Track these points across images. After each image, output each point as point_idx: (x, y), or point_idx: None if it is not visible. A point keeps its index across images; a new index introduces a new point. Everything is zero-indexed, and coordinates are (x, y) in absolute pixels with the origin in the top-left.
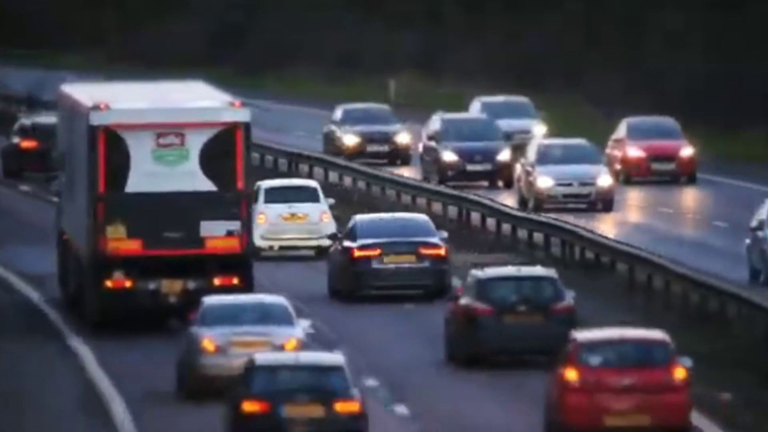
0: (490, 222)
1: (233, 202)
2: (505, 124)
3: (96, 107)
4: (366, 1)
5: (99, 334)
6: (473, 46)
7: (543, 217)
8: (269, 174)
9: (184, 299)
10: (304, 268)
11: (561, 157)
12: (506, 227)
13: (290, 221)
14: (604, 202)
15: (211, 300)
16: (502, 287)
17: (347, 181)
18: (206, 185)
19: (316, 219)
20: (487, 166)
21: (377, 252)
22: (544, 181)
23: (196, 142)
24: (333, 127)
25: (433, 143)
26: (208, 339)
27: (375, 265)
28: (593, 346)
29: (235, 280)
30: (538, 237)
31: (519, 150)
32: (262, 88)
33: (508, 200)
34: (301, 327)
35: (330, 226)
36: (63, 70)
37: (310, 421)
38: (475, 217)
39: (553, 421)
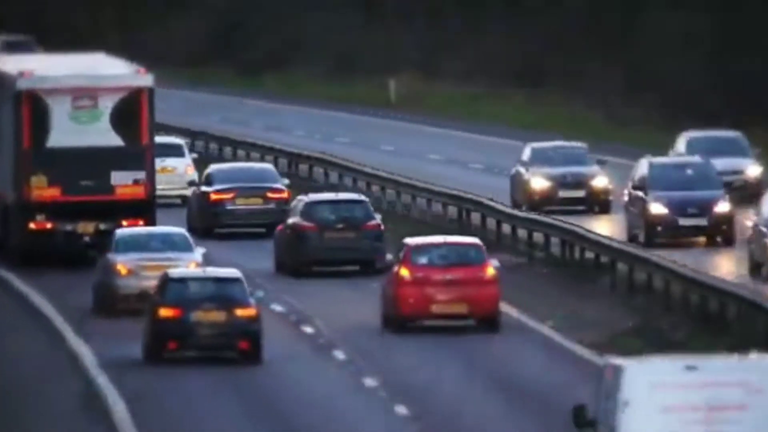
0: (490, 222)
1: (139, 156)
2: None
3: (21, 75)
4: (366, 1)
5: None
6: (473, 46)
7: (543, 217)
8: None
9: (97, 238)
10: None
11: None
12: (506, 227)
13: (161, 174)
14: None
15: (123, 231)
16: (323, 209)
17: (347, 181)
18: (116, 141)
19: (182, 171)
20: (702, 221)
21: (231, 195)
22: None
23: (107, 104)
24: (520, 169)
25: (639, 192)
26: (122, 264)
27: (228, 206)
28: (421, 249)
29: (141, 222)
30: (538, 237)
31: (738, 198)
32: (262, 88)
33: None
34: (199, 252)
35: (193, 176)
36: None
37: (215, 324)
38: (475, 217)
39: (389, 313)
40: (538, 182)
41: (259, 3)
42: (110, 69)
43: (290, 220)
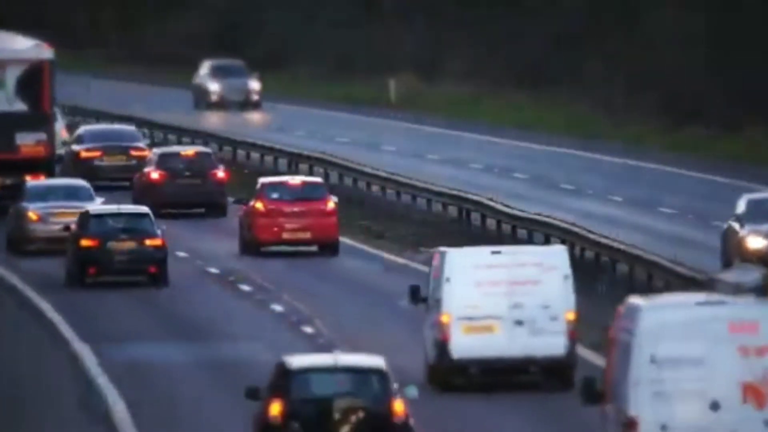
0: (490, 222)
1: (41, 120)
2: None
3: None
4: (366, 1)
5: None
6: (473, 46)
7: (543, 217)
8: (269, 173)
9: (3, 192)
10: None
11: None
12: (506, 227)
13: None
14: None
15: (32, 183)
16: (173, 160)
17: (347, 181)
18: (20, 107)
19: (58, 133)
20: None
21: (98, 153)
22: None
23: (12, 74)
24: (733, 224)
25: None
26: (32, 211)
27: (96, 162)
28: (273, 186)
29: (42, 177)
30: (538, 237)
31: None
32: (261, 88)
33: None
34: (99, 201)
35: (66, 138)
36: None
37: (128, 251)
38: (475, 217)
39: (246, 239)
40: (756, 241)
41: (259, 3)
42: (15, 44)
43: (145, 169)
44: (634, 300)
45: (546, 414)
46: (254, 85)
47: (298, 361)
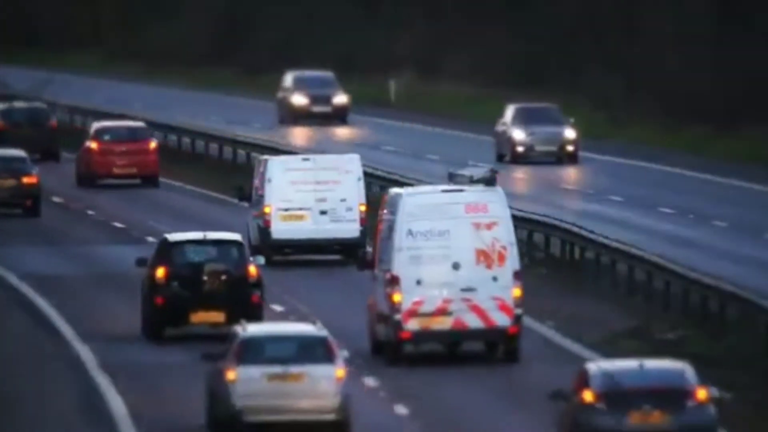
0: None
1: None
2: None
3: None
4: (366, 1)
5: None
6: (473, 45)
7: (543, 217)
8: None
9: None
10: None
11: None
12: None
13: None
14: None
15: None
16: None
17: None
18: None
19: None
20: None
21: None
22: None
23: None
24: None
25: None
26: None
27: None
28: (104, 130)
29: None
30: (538, 237)
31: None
32: (262, 88)
33: None
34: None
35: None
36: (63, 69)
37: (8, 188)
38: None
39: (82, 172)
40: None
41: (259, 3)
42: None
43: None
44: (396, 189)
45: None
46: (341, 98)
47: (175, 236)
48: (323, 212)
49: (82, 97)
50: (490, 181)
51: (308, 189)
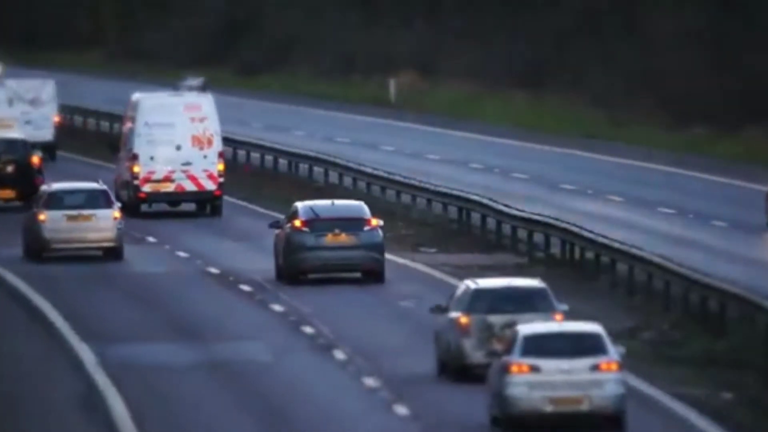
0: (490, 222)
1: None
2: None
3: None
4: (366, 1)
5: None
6: (473, 46)
7: (543, 217)
8: (269, 173)
9: None
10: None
11: None
12: (506, 227)
13: None
14: None
15: None
16: None
17: (347, 181)
18: None
19: None
20: None
21: None
22: None
23: None
24: None
25: None
26: None
27: None
28: None
29: None
30: (538, 237)
31: None
32: (261, 88)
33: None
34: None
35: None
36: (63, 70)
37: None
38: (475, 217)
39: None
40: None
41: (259, 3)
42: None
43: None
44: (136, 94)
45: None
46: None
47: None
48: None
49: (82, 98)
50: (203, 89)
51: (171, 123)
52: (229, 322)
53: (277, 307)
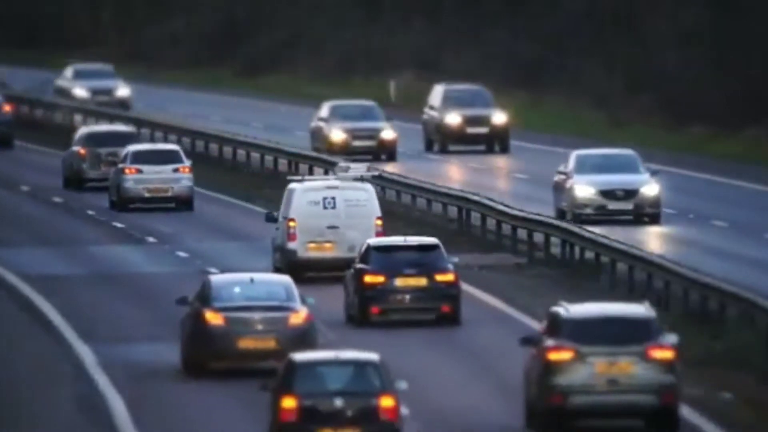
0: (490, 222)
1: None
2: None
3: None
4: (366, 1)
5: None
6: (473, 46)
7: (543, 217)
8: (270, 174)
9: None
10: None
11: None
12: (506, 227)
13: None
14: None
15: None
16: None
17: None
18: None
19: None
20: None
21: None
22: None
23: None
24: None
25: None
26: None
27: None
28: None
29: None
30: (538, 237)
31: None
32: (261, 89)
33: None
34: None
35: None
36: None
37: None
38: (475, 217)
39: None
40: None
41: (259, 3)
42: None
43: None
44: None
45: None
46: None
47: None
48: None
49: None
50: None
51: None
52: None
53: None
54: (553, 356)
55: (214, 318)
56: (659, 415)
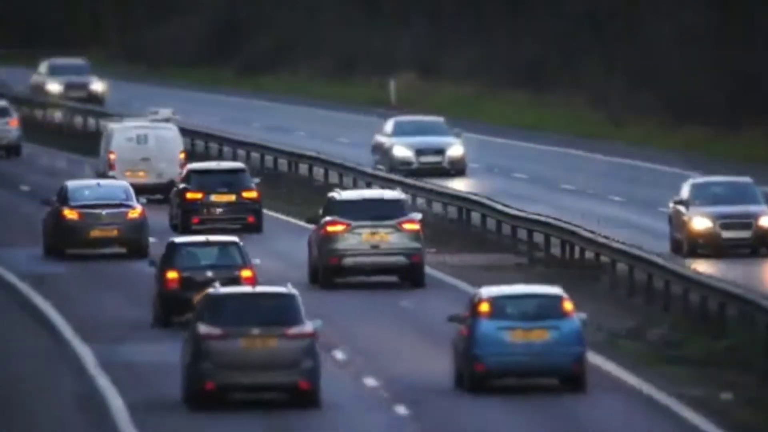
0: (490, 222)
1: None
2: None
3: None
4: (366, 1)
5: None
6: (473, 46)
7: (543, 217)
8: (269, 173)
9: None
10: None
11: None
12: (506, 227)
13: None
14: None
15: None
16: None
17: (347, 181)
18: None
19: None
20: None
21: None
22: None
23: None
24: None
25: None
26: None
27: None
28: None
29: None
30: (538, 237)
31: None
32: (261, 89)
33: None
34: None
35: None
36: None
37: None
38: (476, 217)
39: None
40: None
41: (259, 3)
42: None
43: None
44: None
45: None
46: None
47: None
48: None
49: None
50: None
51: None
52: None
53: None
54: (330, 228)
55: (71, 214)
56: (409, 271)
